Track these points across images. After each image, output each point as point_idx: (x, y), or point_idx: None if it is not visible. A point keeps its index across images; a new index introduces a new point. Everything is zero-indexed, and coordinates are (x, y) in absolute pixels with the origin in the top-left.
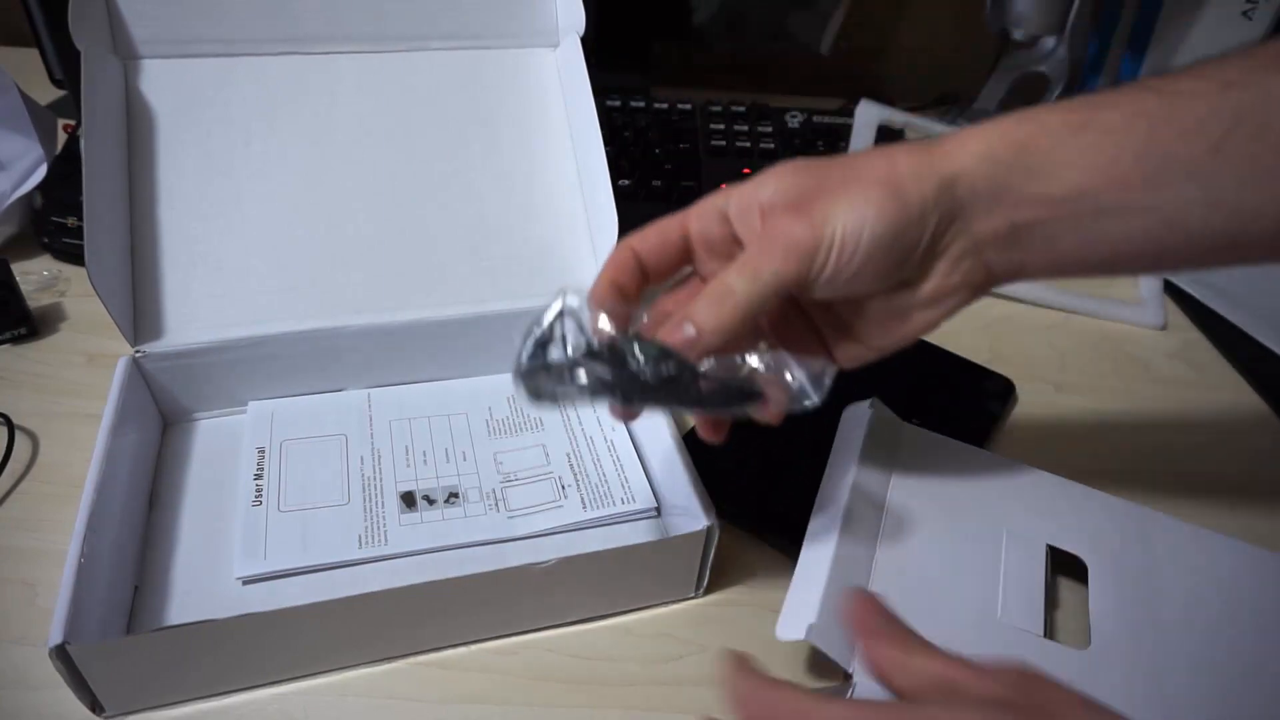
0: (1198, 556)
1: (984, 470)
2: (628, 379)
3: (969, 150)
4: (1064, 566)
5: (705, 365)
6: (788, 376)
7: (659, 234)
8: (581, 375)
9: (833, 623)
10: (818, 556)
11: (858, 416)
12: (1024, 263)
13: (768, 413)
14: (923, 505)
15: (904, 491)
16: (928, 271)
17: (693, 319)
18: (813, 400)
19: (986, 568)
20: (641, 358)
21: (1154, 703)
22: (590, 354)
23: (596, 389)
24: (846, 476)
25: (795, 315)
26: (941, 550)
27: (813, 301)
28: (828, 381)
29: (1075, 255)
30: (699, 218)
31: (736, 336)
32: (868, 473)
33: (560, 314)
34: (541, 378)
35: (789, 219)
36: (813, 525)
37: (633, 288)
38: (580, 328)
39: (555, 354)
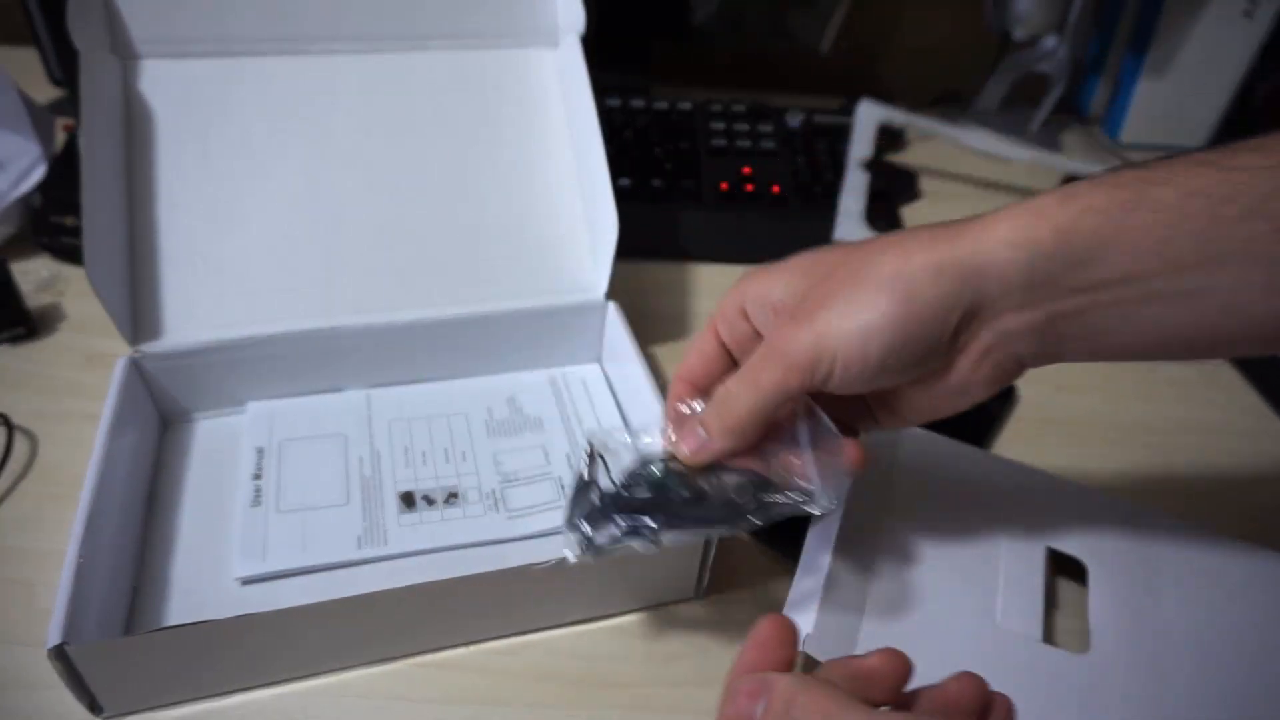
0: (1198, 557)
1: (984, 470)
2: (661, 499)
3: (999, 237)
4: (1064, 568)
5: (731, 478)
6: (803, 484)
7: (698, 356)
8: (618, 520)
9: (829, 633)
10: (816, 563)
11: None
12: (1060, 354)
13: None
14: (923, 506)
15: (904, 493)
16: (950, 365)
17: (703, 423)
18: (820, 509)
19: (985, 571)
20: (668, 476)
21: (1154, 706)
22: (628, 484)
23: (633, 524)
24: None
25: None
26: (941, 553)
27: None
28: (841, 492)
29: (1119, 343)
30: (724, 322)
31: (746, 441)
32: (868, 475)
33: (592, 457)
34: (588, 520)
35: (791, 328)
36: (812, 530)
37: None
38: (608, 470)
39: (594, 496)
